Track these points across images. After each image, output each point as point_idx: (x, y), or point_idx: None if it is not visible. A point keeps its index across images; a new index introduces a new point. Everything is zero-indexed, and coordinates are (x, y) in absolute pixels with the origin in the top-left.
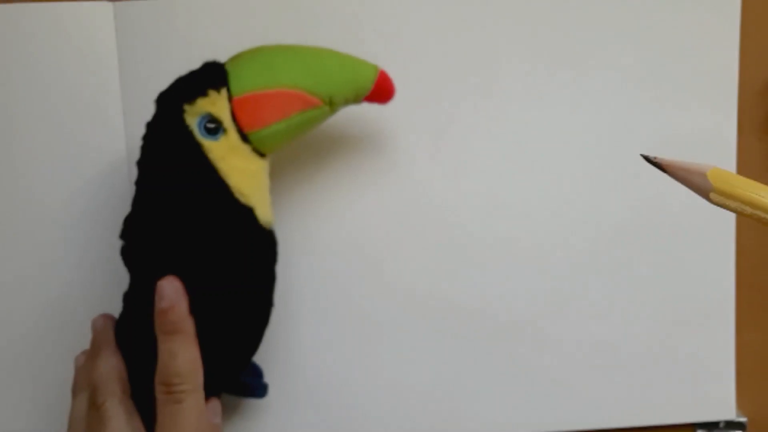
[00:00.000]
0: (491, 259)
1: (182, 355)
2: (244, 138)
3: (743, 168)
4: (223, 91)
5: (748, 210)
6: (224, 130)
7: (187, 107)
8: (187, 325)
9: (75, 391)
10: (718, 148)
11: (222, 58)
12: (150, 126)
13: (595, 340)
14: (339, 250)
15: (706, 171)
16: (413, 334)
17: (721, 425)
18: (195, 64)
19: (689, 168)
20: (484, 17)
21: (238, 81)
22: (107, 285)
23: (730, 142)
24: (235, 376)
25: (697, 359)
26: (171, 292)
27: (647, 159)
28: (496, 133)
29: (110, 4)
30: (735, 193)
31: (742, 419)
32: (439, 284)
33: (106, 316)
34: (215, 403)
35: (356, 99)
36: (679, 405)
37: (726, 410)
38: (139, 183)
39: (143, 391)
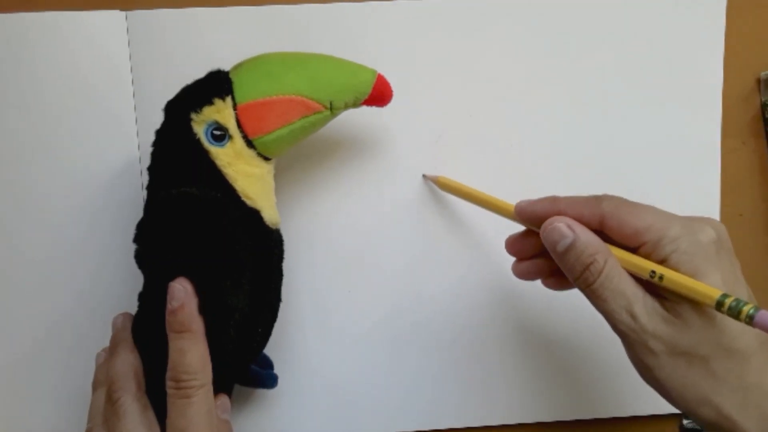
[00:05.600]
0: (491, 257)
1: (191, 353)
2: (249, 144)
3: (727, 171)
4: (228, 100)
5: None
6: (230, 137)
7: (194, 116)
8: (196, 324)
9: (95, 387)
10: (702, 152)
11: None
12: (159, 134)
13: (583, 332)
14: (343, 247)
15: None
16: (415, 328)
17: None
18: (207, 72)
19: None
20: (479, 23)
21: (242, 89)
22: (129, 284)
23: (714, 146)
24: (246, 369)
25: None
26: (181, 293)
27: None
28: (494, 134)
29: (123, 13)
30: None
31: None
32: (439, 280)
33: (126, 315)
34: (224, 400)
35: (356, 103)
36: None
37: None
38: (150, 188)
39: (157, 387)
